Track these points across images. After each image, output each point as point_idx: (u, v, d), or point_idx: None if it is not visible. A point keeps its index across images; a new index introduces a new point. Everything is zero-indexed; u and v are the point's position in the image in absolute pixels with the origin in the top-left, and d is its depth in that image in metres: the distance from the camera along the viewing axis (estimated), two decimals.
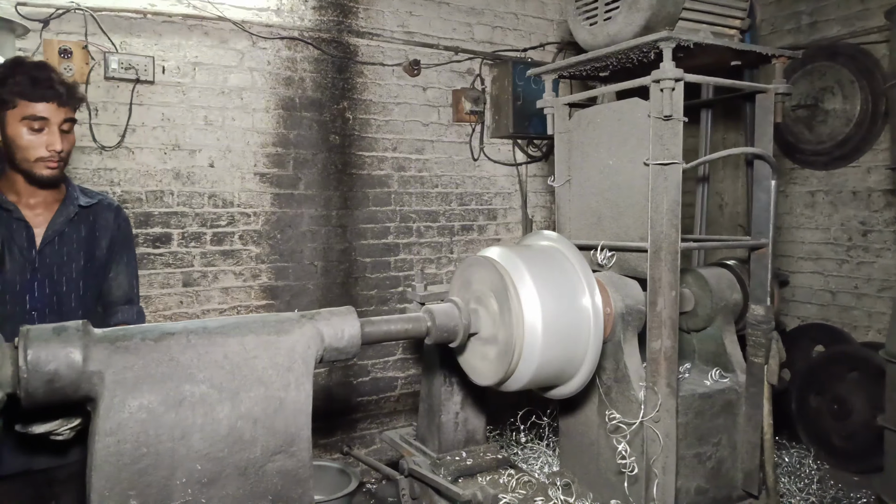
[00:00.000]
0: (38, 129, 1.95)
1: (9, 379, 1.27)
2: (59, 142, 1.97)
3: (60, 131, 1.99)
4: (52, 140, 1.97)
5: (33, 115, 1.94)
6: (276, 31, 3.98)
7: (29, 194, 2.05)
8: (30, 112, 1.93)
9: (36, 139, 1.95)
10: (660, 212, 2.07)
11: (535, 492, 2.24)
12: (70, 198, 2.13)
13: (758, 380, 2.34)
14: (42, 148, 1.96)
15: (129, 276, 2.24)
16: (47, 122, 1.96)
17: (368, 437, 4.44)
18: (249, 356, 1.46)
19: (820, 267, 5.10)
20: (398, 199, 4.49)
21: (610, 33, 2.28)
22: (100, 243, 2.17)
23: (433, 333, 1.77)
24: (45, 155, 1.96)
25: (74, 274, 2.10)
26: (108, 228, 2.19)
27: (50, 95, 1.94)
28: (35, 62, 2.02)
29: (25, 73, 1.94)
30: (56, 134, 1.97)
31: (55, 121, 1.97)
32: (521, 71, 4.61)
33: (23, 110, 1.93)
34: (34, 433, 1.41)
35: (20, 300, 2.00)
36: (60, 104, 1.97)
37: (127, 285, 2.23)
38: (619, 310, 2.14)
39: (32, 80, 1.93)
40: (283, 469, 1.47)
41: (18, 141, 1.95)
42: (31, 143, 1.95)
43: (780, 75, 2.37)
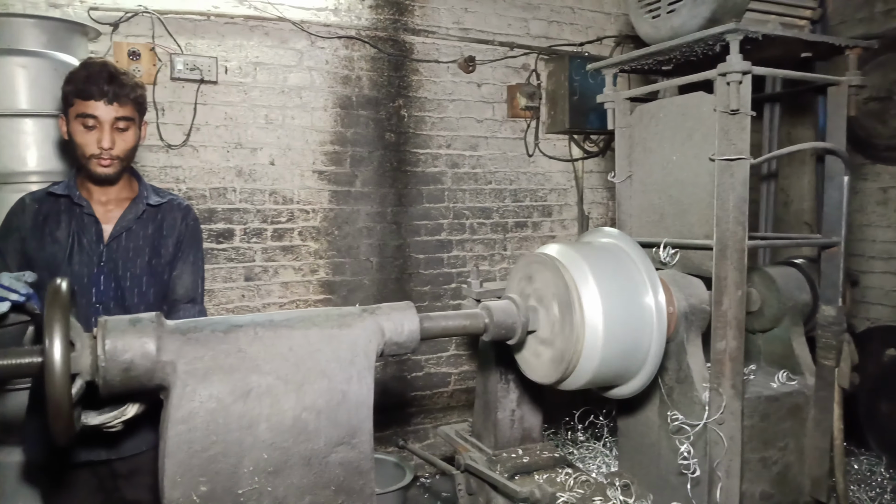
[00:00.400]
0: (91, 127, 1.99)
1: (87, 367, 1.32)
2: (107, 140, 2.00)
3: (115, 130, 2.02)
4: (101, 137, 1.99)
5: (84, 112, 1.98)
6: (334, 31, 4.04)
7: (100, 192, 2.12)
8: (81, 110, 1.98)
9: (89, 137, 2.00)
10: (725, 209, 2.02)
11: (594, 491, 2.22)
12: (140, 196, 2.18)
13: (827, 383, 2.26)
14: (94, 146, 2.00)
15: (193, 275, 2.26)
16: (97, 120, 1.99)
17: (422, 432, 4.47)
18: (313, 349, 1.48)
19: (892, 267, 4.90)
20: (452, 196, 4.50)
21: (673, 26, 2.23)
22: (166, 242, 2.20)
23: (491, 330, 1.76)
24: (96, 152, 2.00)
25: (138, 270, 2.13)
26: (176, 227, 2.22)
27: (97, 93, 1.97)
28: (100, 62, 2.06)
29: (84, 72, 1.99)
30: (106, 132, 1.99)
31: (106, 119, 1.99)
32: (577, 65, 4.56)
33: (77, 108, 1.99)
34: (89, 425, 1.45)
35: (87, 293, 2.05)
36: (109, 102, 1.99)
37: (191, 284, 2.25)
38: (683, 309, 2.10)
39: (86, 79, 1.97)
40: (346, 460, 1.49)
41: (75, 138, 2.01)
42: (84, 141, 2.00)
43: (854, 67, 2.28)
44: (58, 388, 1.19)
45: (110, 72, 2.01)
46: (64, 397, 1.20)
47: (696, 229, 2.19)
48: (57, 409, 1.21)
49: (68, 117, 2.02)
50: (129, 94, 2.02)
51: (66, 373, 1.20)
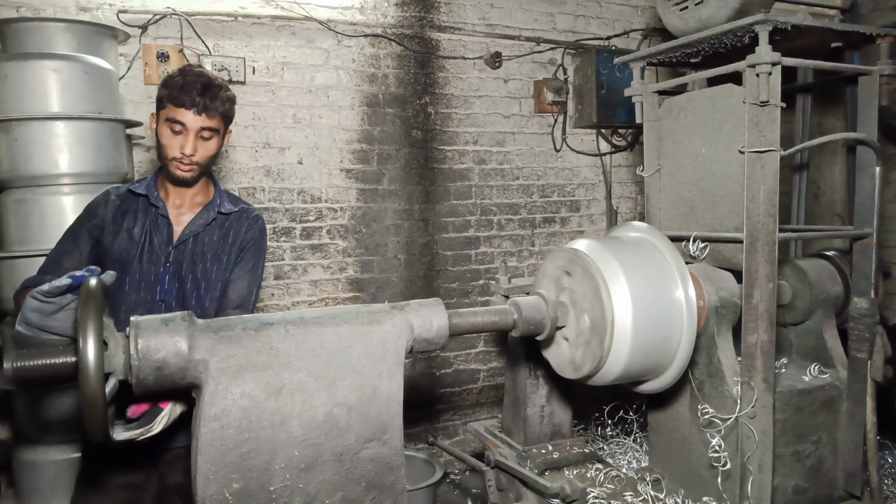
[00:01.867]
0: (178, 132, 2.09)
1: (121, 366, 1.35)
2: (190, 146, 2.09)
3: (200, 138, 2.11)
4: (184, 144, 2.09)
5: (173, 118, 2.07)
6: (360, 29, 4.06)
7: (175, 194, 2.21)
8: (171, 115, 2.08)
9: (174, 140, 2.09)
10: (756, 201, 2.00)
11: (624, 486, 2.21)
12: (213, 203, 2.25)
13: (860, 376, 2.23)
14: (177, 149, 2.09)
15: (248, 282, 2.29)
16: (185, 126, 2.08)
17: (451, 429, 4.48)
18: (344, 346, 1.50)
19: None
20: (479, 193, 4.50)
21: (702, 18, 2.21)
22: (231, 249, 2.25)
23: (520, 326, 1.76)
24: (178, 156, 2.10)
25: (199, 274, 2.20)
26: (240, 236, 2.27)
27: (188, 102, 2.06)
28: (198, 71, 2.15)
29: (181, 79, 2.09)
30: (190, 139, 2.09)
31: (192, 127, 2.08)
32: (604, 59, 4.53)
33: (167, 112, 2.08)
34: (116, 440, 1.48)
35: (152, 290, 2.15)
36: (199, 112, 2.08)
37: (245, 290, 2.27)
38: (713, 303, 2.08)
39: (181, 86, 2.07)
40: (377, 456, 1.50)
41: (161, 139, 2.11)
42: (169, 143, 2.10)
43: (886, 56, 2.24)
44: (92, 387, 1.22)
45: (204, 83, 2.09)
46: (98, 396, 1.23)
47: (727, 222, 2.17)
48: (91, 408, 1.23)
49: (159, 118, 2.13)
50: (218, 107, 2.12)
51: (100, 372, 1.23)
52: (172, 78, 2.10)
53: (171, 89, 2.07)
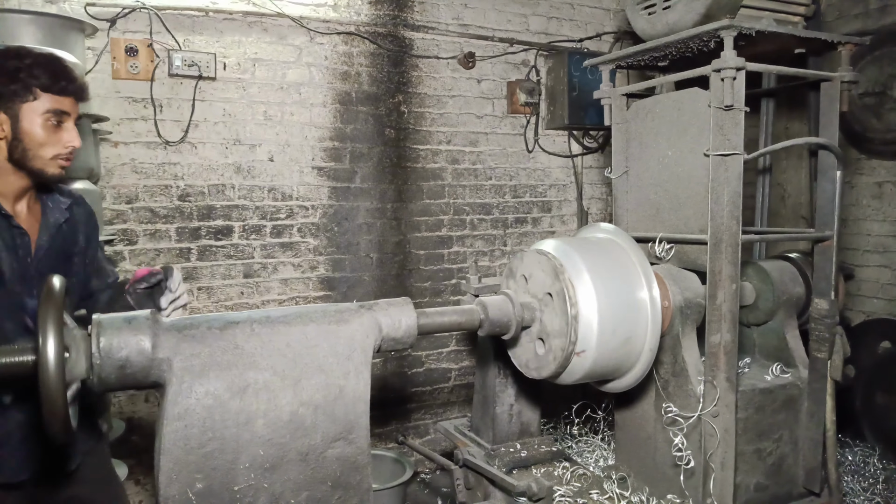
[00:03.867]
0: (57, 125, 1.82)
1: (83, 366, 1.33)
2: (77, 137, 1.86)
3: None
4: (71, 136, 1.85)
5: (57, 109, 1.81)
6: (333, 27, 4.04)
7: (17, 198, 1.90)
8: (53, 106, 1.80)
9: (54, 135, 1.82)
10: (720, 203, 2.03)
11: (591, 485, 2.24)
12: (54, 201, 2.00)
13: (821, 375, 2.28)
14: (59, 145, 1.83)
15: (106, 260, 2.17)
16: (69, 117, 1.84)
17: (422, 428, 4.49)
18: (310, 345, 1.49)
19: (887, 260, 4.91)
20: (452, 192, 4.51)
21: (669, 22, 2.24)
22: (78, 238, 2.06)
23: (486, 326, 1.77)
24: (61, 152, 1.84)
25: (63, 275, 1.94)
26: (80, 224, 2.07)
27: (73, 90, 1.83)
28: (44, 52, 1.88)
29: (44, 63, 1.81)
30: (75, 130, 1.86)
31: (74, 115, 1.86)
32: (576, 61, 4.56)
33: (44, 104, 1.79)
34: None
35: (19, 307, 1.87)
36: (78, 99, 1.87)
37: (109, 269, 2.16)
38: (678, 303, 2.12)
39: (54, 72, 1.81)
40: (343, 455, 1.51)
41: (34, 137, 1.80)
42: (48, 140, 1.81)
43: (847, 62, 2.29)
44: (52, 386, 1.20)
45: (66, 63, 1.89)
46: (59, 396, 1.21)
47: (692, 224, 2.20)
48: (52, 408, 1.21)
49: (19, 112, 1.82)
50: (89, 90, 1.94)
51: (61, 370, 1.21)
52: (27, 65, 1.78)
53: (42, 78, 1.78)
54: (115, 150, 3.55)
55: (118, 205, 3.55)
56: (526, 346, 1.89)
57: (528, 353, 1.89)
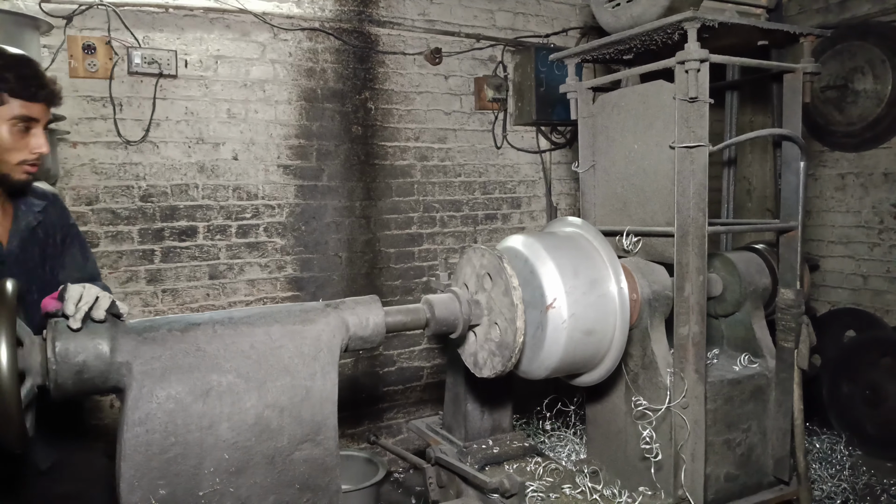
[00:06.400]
0: (25, 130, 1.78)
1: (38, 371, 1.29)
2: (46, 144, 1.83)
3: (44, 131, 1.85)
4: (39, 142, 1.81)
5: (25, 115, 1.77)
6: (297, 23, 3.99)
7: None
8: (21, 112, 1.76)
9: (21, 141, 1.78)
10: (686, 195, 2.04)
11: (563, 479, 2.23)
12: (27, 204, 1.96)
13: (788, 365, 2.30)
14: (26, 150, 1.79)
15: (85, 259, 2.12)
16: (37, 123, 1.80)
17: (395, 427, 4.46)
18: (275, 346, 1.47)
19: (851, 251, 5.00)
20: (421, 189, 4.48)
21: (633, 15, 2.24)
22: (55, 240, 2.03)
23: (432, 325, 1.74)
24: (28, 158, 1.81)
25: (38, 280, 1.93)
26: (57, 224, 2.04)
27: (43, 95, 1.79)
28: (16, 54, 1.82)
29: (14, 67, 1.76)
30: (43, 136, 1.82)
31: (43, 121, 1.82)
32: (543, 57, 4.57)
33: (12, 109, 1.75)
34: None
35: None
36: (49, 105, 1.83)
37: (91, 268, 2.12)
38: (646, 296, 2.12)
39: (23, 77, 1.76)
40: (310, 457, 1.48)
41: (2, 140, 1.76)
42: (14, 145, 1.77)
43: (809, 54, 2.31)
44: (4, 394, 1.16)
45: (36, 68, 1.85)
46: (13, 404, 1.17)
47: (659, 216, 2.21)
48: (5, 417, 1.17)
49: None
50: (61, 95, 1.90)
51: (13, 378, 1.17)
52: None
53: (10, 82, 1.73)
54: (73, 151, 3.46)
55: (78, 206, 3.46)
56: (472, 345, 1.85)
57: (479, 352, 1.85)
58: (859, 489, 3.79)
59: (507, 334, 1.67)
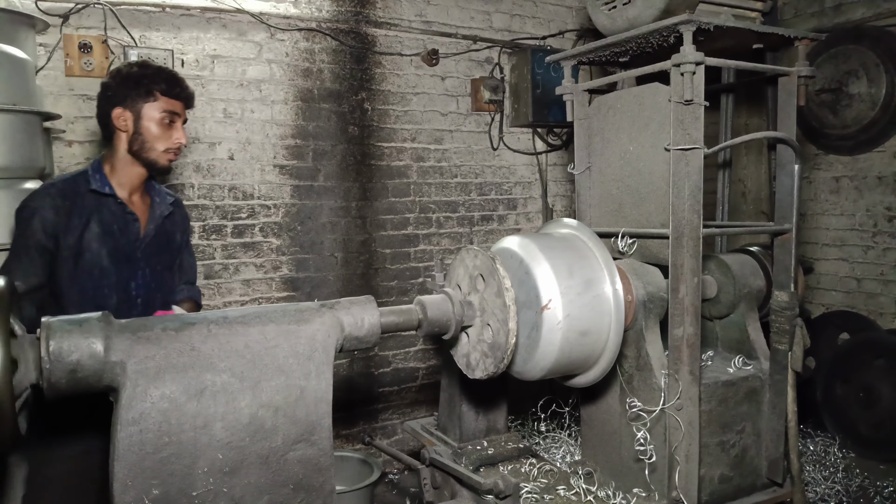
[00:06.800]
0: (169, 123, 2.22)
1: (32, 370, 1.28)
2: (184, 136, 2.27)
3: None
4: (180, 135, 2.25)
5: (171, 110, 2.21)
6: (294, 23, 3.99)
7: (134, 188, 2.28)
8: (168, 108, 2.21)
9: (166, 132, 2.21)
10: (681, 197, 2.04)
11: (557, 480, 2.24)
12: (160, 196, 2.38)
13: (782, 367, 2.31)
14: (169, 140, 2.22)
15: (191, 261, 2.57)
16: (179, 118, 2.25)
17: (390, 428, 4.46)
18: (270, 345, 1.46)
19: (845, 254, 5.02)
20: (417, 190, 4.49)
21: (629, 17, 2.25)
22: (175, 237, 2.44)
23: (424, 326, 1.73)
24: (171, 147, 2.23)
25: (159, 266, 2.35)
26: (179, 223, 2.47)
27: (184, 96, 2.26)
28: (163, 66, 2.34)
29: (162, 73, 2.23)
30: (182, 129, 2.26)
31: (182, 117, 2.27)
32: (540, 59, 4.58)
33: (162, 105, 2.20)
34: None
35: (129, 288, 2.24)
36: (187, 105, 2.29)
37: (191, 269, 2.56)
38: (641, 297, 2.12)
39: (171, 80, 2.22)
40: (305, 458, 1.48)
41: (151, 131, 2.20)
42: (161, 135, 2.21)
43: (804, 58, 2.32)
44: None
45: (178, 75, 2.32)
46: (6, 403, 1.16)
47: (654, 218, 2.21)
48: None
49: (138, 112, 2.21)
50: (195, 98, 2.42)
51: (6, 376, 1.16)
52: (150, 73, 2.20)
53: (161, 84, 2.18)
54: (69, 150, 3.46)
55: None
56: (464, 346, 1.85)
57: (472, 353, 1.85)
58: (853, 491, 3.80)
59: (500, 335, 1.66)
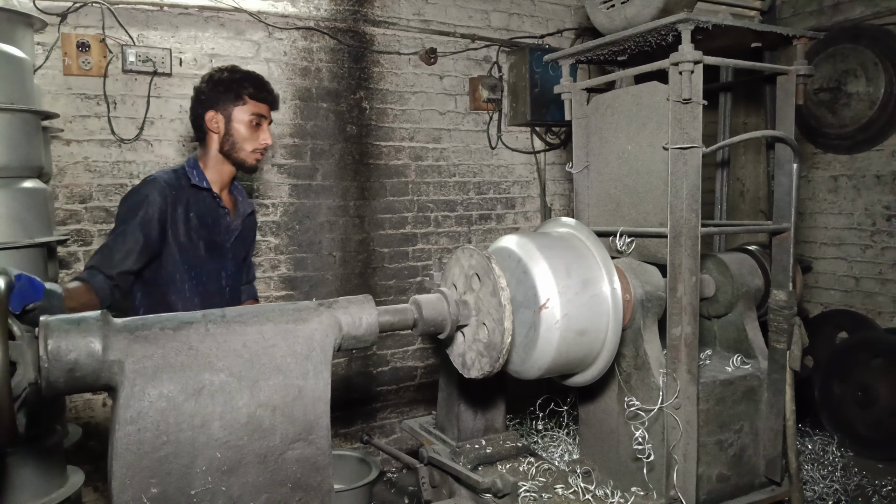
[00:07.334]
0: (256, 125, 2.37)
1: (31, 371, 1.28)
2: (270, 138, 2.42)
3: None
4: (266, 136, 2.41)
5: (259, 113, 2.37)
6: (292, 22, 3.99)
7: (224, 186, 2.46)
8: (256, 111, 2.36)
9: (253, 134, 2.37)
10: (679, 197, 2.04)
11: (555, 479, 2.24)
12: (243, 195, 2.57)
13: (780, 366, 2.31)
14: (256, 141, 2.38)
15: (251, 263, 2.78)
16: (265, 120, 2.40)
17: (388, 427, 4.46)
18: (268, 345, 1.46)
19: (843, 253, 5.03)
20: (416, 189, 4.48)
21: (627, 16, 2.25)
22: (250, 235, 2.65)
23: (420, 325, 1.72)
24: (258, 147, 2.39)
25: (237, 260, 2.53)
26: (253, 227, 2.68)
27: (271, 100, 2.42)
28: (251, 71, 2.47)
29: (250, 77, 2.39)
30: (268, 131, 2.41)
31: (268, 120, 2.42)
32: (538, 58, 4.58)
33: (251, 108, 2.36)
34: None
35: (220, 278, 2.44)
36: (272, 108, 2.43)
37: (253, 267, 2.77)
38: (639, 296, 2.12)
39: (259, 85, 2.38)
40: (303, 457, 1.48)
41: (241, 133, 2.36)
42: (249, 136, 2.36)
43: (802, 56, 2.32)
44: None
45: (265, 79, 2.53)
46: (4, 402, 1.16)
47: (652, 217, 2.21)
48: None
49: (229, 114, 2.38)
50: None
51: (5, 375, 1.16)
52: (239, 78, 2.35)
53: (250, 88, 2.34)
54: (67, 149, 3.45)
55: (71, 204, 3.46)
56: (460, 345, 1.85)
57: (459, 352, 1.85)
58: (851, 490, 3.81)
59: (495, 335, 1.66)
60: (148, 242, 2.24)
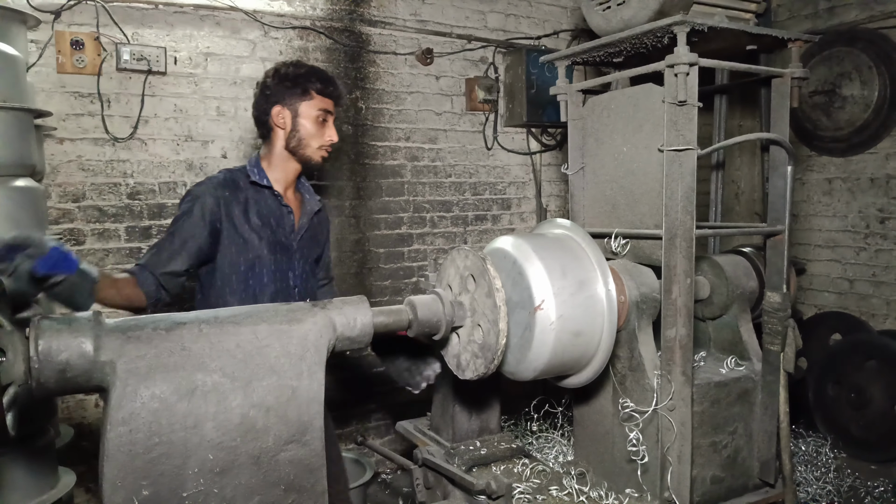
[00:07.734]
0: (323, 121, 2.28)
1: (20, 369, 1.27)
2: (336, 134, 2.32)
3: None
4: (332, 133, 2.31)
5: (326, 109, 2.28)
6: (288, 21, 3.98)
7: (289, 184, 2.36)
8: (323, 106, 2.27)
9: (320, 130, 2.28)
10: (674, 199, 2.05)
11: (550, 481, 2.23)
12: (310, 193, 2.47)
13: (774, 368, 2.32)
14: (322, 138, 2.28)
15: (330, 258, 2.67)
16: (331, 116, 2.31)
17: (383, 428, 4.45)
18: (262, 345, 1.45)
19: (837, 255, 5.04)
20: (411, 189, 4.48)
21: (623, 18, 2.25)
22: (319, 235, 2.52)
23: (415, 326, 1.72)
24: (324, 143, 2.30)
25: (308, 259, 2.44)
26: (324, 223, 2.57)
27: (337, 95, 2.32)
28: (316, 66, 2.38)
29: (316, 72, 2.30)
30: (333, 127, 2.31)
31: (333, 116, 2.33)
32: (534, 59, 4.58)
33: (317, 104, 2.26)
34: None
35: (287, 279, 2.34)
36: (337, 104, 2.33)
37: (330, 265, 2.67)
38: (634, 298, 2.12)
39: (325, 80, 2.29)
40: (296, 458, 1.47)
41: (308, 128, 2.26)
42: (315, 132, 2.27)
43: (797, 59, 2.33)
44: None
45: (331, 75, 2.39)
46: None
47: (647, 219, 2.22)
48: None
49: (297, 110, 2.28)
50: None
51: None
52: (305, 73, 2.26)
53: (317, 83, 2.26)
54: (60, 147, 3.43)
55: (64, 203, 3.44)
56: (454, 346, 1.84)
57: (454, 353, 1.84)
58: (844, 491, 3.82)
59: (490, 336, 1.66)
60: (195, 244, 2.16)
